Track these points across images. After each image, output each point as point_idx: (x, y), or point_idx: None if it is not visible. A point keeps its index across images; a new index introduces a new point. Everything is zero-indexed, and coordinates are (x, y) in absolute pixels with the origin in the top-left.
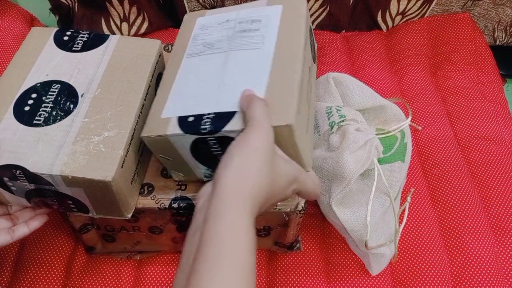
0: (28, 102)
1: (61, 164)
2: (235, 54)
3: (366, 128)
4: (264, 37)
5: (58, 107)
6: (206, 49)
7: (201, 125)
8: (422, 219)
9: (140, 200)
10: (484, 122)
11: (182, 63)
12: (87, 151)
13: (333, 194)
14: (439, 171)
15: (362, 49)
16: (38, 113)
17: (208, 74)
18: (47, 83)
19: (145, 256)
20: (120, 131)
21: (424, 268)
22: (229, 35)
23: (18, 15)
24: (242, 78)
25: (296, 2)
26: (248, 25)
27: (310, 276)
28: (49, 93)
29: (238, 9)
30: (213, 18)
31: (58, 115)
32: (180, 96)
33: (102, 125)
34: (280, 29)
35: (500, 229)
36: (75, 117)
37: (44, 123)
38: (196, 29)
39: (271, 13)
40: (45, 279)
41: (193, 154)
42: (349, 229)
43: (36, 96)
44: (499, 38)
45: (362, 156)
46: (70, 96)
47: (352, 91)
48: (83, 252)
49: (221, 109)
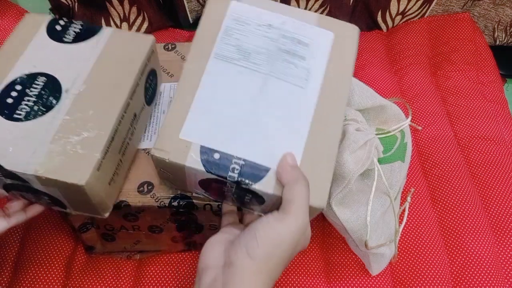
0: (11, 94)
1: (36, 164)
2: (275, 84)
3: (366, 128)
4: (309, 72)
5: (41, 101)
6: (241, 57)
7: (228, 171)
8: (422, 219)
9: (140, 198)
10: (484, 122)
11: (209, 65)
12: (64, 151)
13: (332, 194)
14: (439, 171)
15: (362, 49)
16: (20, 107)
17: (239, 98)
18: (33, 75)
19: (145, 256)
20: (100, 132)
21: (424, 268)
22: (269, 50)
23: (18, 15)
24: (279, 123)
25: (348, 32)
26: (293, 46)
27: (310, 276)
28: (33, 86)
29: (284, 11)
30: (251, 11)
31: (40, 111)
32: (203, 115)
33: (83, 125)
34: (327, 68)
35: (500, 229)
36: (56, 113)
37: (25, 118)
38: (228, 18)
39: (321, 41)
40: (45, 279)
41: (201, 183)
42: (349, 229)
43: (20, 88)
44: (499, 38)
45: (362, 156)
46: (54, 90)
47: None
48: (83, 252)
49: (253, 159)
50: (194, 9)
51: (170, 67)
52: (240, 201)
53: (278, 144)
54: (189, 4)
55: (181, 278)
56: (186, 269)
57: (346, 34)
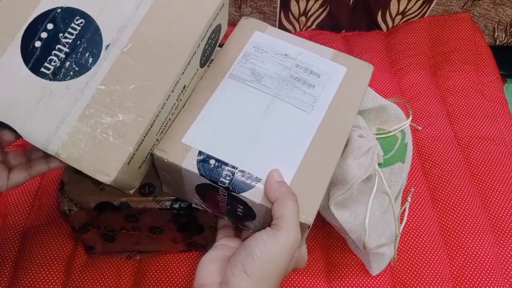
0: (41, 35)
1: (58, 144)
2: (281, 106)
3: (369, 134)
4: (316, 100)
5: (75, 56)
6: (253, 79)
7: (220, 176)
8: (422, 219)
9: (141, 200)
10: (484, 122)
11: (222, 82)
12: (92, 134)
13: (332, 197)
14: (439, 171)
15: (362, 49)
16: (49, 58)
17: (245, 114)
18: (70, 11)
19: (145, 256)
20: (138, 119)
21: (424, 268)
22: (281, 76)
23: None
24: (279, 142)
25: (361, 70)
26: (305, 75)
27: (310, 275)
28: (68, 30)
29: (301, 44)
30: (271, 41)
31: (72, 69)
32: (207, 124)
33: (120, 102)
34: (335, 98)
35: (500, 229)
36: (91, 79)
37: (53, 76)
38: (249, 45)
39: (332, 74)
40: (45, 279)
41: (196, 188)
42: (348, 230)
43: (52, 28)
44: (499, 38)
45: (365, 162)
46: (92, 43)
47: None
48: (83, 252)
49: (247, 169)
50: None
51: None
52: (233, 215)
53: (274, 158)
54: None
55: (181, 278)
56: (186, 269)
57: (359, 70)
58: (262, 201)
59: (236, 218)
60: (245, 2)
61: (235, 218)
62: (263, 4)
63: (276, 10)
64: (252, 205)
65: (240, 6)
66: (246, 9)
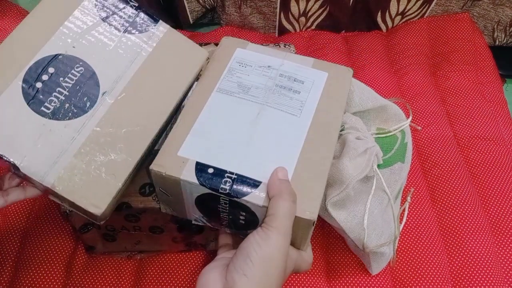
0: (42, 77)
1: (55, 177)
2: (270, 112)
3: (367, 136)
4: (303, 104)
5: (74, 99)
6: (240, 91)
7: (220, 183)
8: (422, 219)
9: (141, 200)
10: (483, 122)
11: (211, 96)
12: (86, 170)
13: (328, 197)
14: (439, 171)
15: (362, 49)
16: (50, 99)
17: (237, 123)
18: (71, 59)
19: (146, 256)
20: (128, 158)
21: (424, 268)
22: (267, 86)
23: (18, 15)
24: (273, 144)
25: (342, 73)
26: (289, 82)
27: (310, 275)
28: (69, 76)
29: (283, 57)
30: (253, 56)
31: (70, 111)
32: (202, 136)
33: (112, 143)
34: (320, 100)
35: (500, 229)
36: (88, 121)
37: (52, 115)
38: (233, 61)
39: (316, 79)
40: (45, 279)
41: (196, 201)
42: (347, 229)
43: (53, 71)
44: (498, 38)
45: (362, 163)
46: (90, 89)
47: (352, 92)
48: (84, 252)
49: (246, 173)
50: (194, 9)
51: None
52: (235, 225)
53: (271, 160)
54: (189, 4)
55: (182, 278)
56: (186, 269)
57: (339, 74)
58: (264, 203)
59: (239, 228)
60: (245, 3)
61: (237, 228)
62: (263, 4)
63: (276, 11)
64: (254, 209)
65: (240, 7)
66: (246, 10)
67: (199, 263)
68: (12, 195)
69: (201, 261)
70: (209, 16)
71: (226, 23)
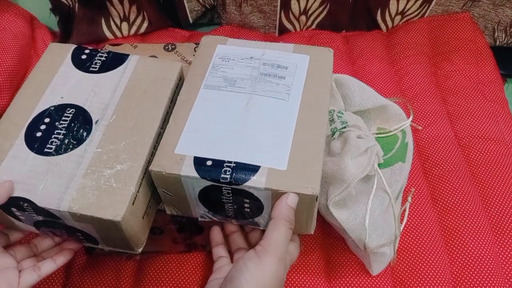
0: (40, 127)
1: (69, 200)
2: (259, 100)
3: (368, 135)
4: (290, 88)
5: (71, 134)
6: (227, 84)
7: (221, 173)
8: (422, 219)
9: None
10: (484, 122)
11: (199, 93)
12: (97, 186)
13: (330, 196)
14: (440, 171)
15: (362, 49)
16: (50, 141)
17: (228, 114)
18: (61, 106)
19: (145, 256)
20: (133, 165)
21: (424, 268)
22: (252, 76)
23: (18, 15)
24: (266, 129)
25: (323, 54)
26: (273, 69)
27: (310, 275)
28: (63, 118)
29: (263, 47)
30: (235, 50)
31: (70, 144)
32: (196, 132)
33: (115, 157)
34: (306, 82)
35: (500, 229)
36: (88, 146)
37: (55, 152)
38: (215, 57)
39: (298, 63)
40: (45, 279)
41: (199, 196)
42: (348, 229)
43: (49, 121)
44: (499, 38)
45: (363, 162)
46: (84, 122)
47: (353, 92)
48: (83, 252)
49: (243, 160)
50: (194, 9)
51: None
52: (241, 215)
53: (266, 145)
54: (189, 4)
55: (181, 279)
56: (186, 270)
57: (321, 55)
58: (266, 185)
59: (245, 217)
60: (246, 1)
61: (244, 218)
62: (264, 2)
63: (277, 9)
64: (257, 193)
65: (241, 5)
66: (247, 8)
67: (199, 263)
68: (45, 267)
69: (200, 262)
70: (209, 16)
71: (226, 22)
